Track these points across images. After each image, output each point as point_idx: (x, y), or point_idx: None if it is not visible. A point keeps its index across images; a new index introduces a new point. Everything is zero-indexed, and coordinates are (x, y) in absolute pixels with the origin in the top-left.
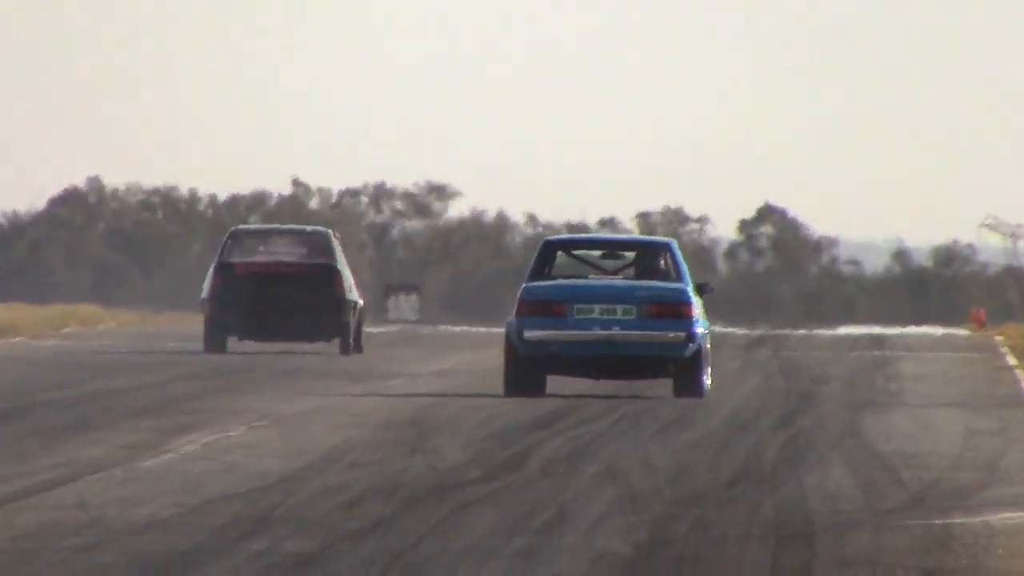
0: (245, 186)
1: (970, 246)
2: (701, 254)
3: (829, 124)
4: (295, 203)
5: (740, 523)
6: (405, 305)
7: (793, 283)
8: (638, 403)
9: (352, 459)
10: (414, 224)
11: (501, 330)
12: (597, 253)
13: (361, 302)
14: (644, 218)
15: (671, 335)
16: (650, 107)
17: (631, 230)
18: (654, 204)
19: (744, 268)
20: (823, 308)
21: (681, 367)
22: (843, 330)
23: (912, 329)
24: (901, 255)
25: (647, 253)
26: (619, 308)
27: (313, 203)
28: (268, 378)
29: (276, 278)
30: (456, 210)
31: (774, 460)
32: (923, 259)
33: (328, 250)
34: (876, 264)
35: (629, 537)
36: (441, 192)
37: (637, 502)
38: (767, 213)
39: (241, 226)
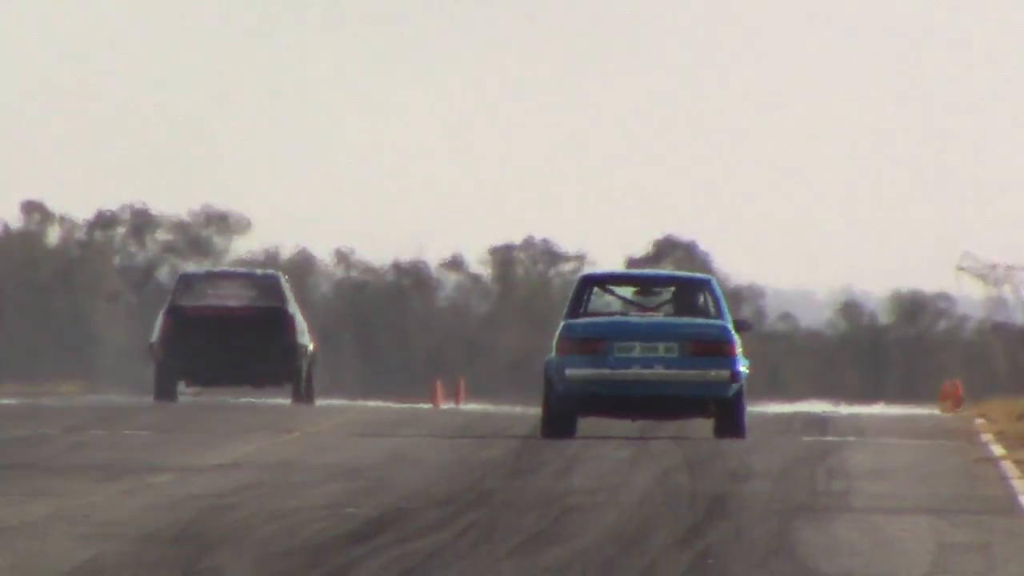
0: None
1: (942, 295)
2: None
3: (753, 137)
4: (26, 238)
5: None
6: None
7: None
8: (489, 509)
9: None
10: (188, 265)
11: (291, 405)
12: (633, 290)
13: (312, 346)
14: (500, 255)
15: (714, 374)
16: (507, 115)
17: (481, 270)
18: (514, 236)
19: None
20: None
21: (723, 407)
22: (770, 407)
23: (864, 408)
24: (849, 308)
25: (686, 290)
26: (661, 346)
27: (52, 236)
28: None
29: (227, 322)
30: (244, 246)
31: None
32: (879, 312)
33: (279, 293)
34: (815, 319)
35: None
36: (223, 223)
37: None
38: (667, 248)
39: (191, 270)
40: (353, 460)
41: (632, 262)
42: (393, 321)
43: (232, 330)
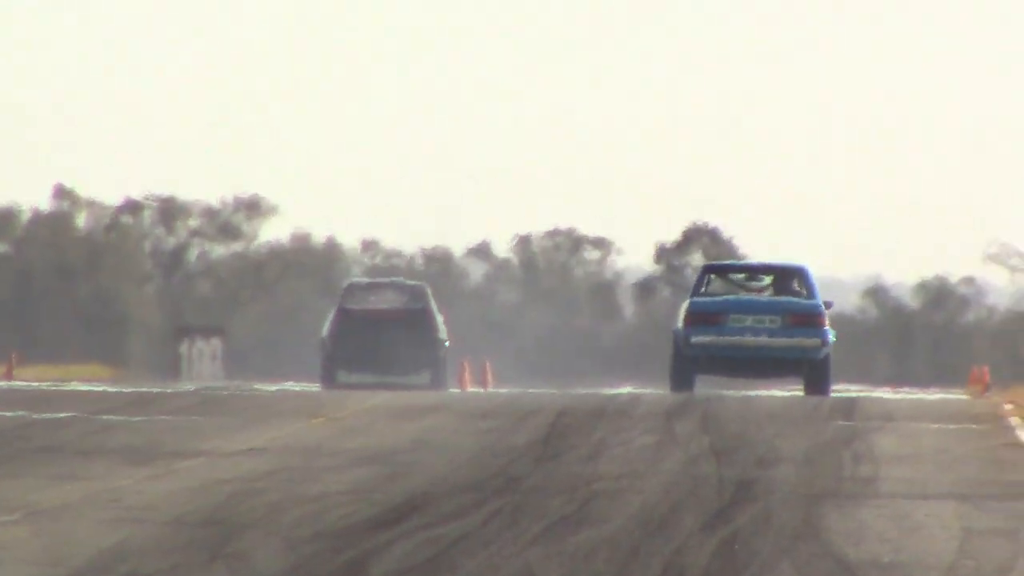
0: None
1: (969, 281)
2: (599, 292)
3: (781, 124)
4: (56, 222)
5: None
6: (204, 355)
7: None
8: (516, 495)
9: (130, 567)
10: (217, 249)
11: (323, 390)
12: (742, 276)
13: (448, 342)
14: (524, 245)
15: (808, 341)
16: (531, 103)
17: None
18: (538, 226)
19: (662, 308)
20: None
21: (813, 368)
22: (797, 392)
23: (891, 392)
24: (876, 294)
25: (784, 276)
26: (767, 318)
27: (82, 220)
28: (19, 456)
29: (383, 321)
30: (272, 232)
31: (703, 573)
32: (906, 299)
33: (424, 298)
34: (843, 306)
35: None
36: (252, 208)
37: None
38: (694, 235)
39: (355, 279)
40: (379, 445)
41: (661, 249)
42: None
43: (386, 327)
